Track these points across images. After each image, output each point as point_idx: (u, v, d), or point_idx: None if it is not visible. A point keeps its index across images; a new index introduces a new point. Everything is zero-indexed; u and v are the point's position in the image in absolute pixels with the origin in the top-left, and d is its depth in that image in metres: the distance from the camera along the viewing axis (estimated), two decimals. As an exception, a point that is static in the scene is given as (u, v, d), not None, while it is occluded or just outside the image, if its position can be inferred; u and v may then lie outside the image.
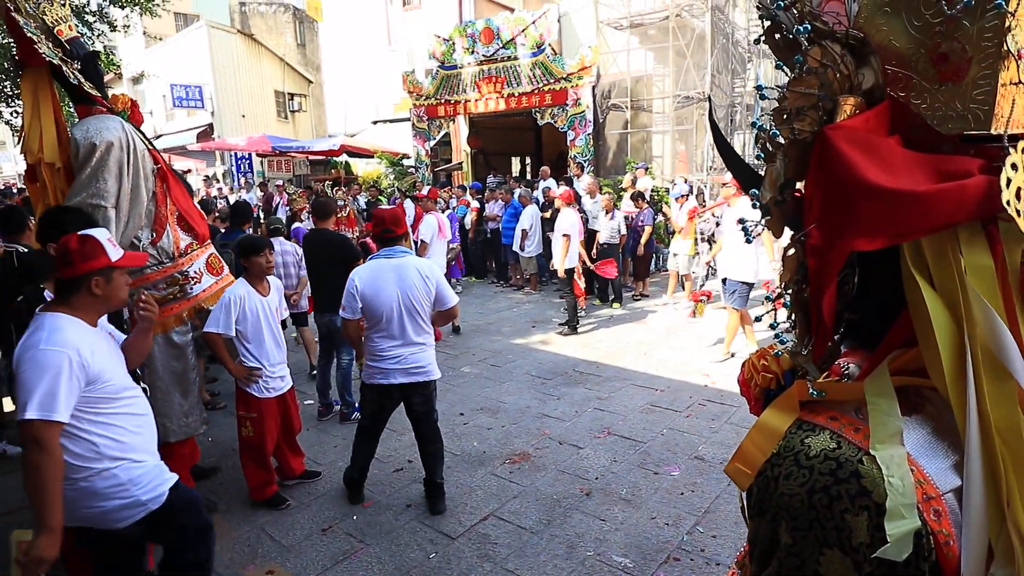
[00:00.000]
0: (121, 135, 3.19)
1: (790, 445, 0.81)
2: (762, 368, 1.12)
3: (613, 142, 13.29)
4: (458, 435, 4.57)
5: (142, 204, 3.32)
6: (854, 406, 0.81)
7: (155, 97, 24.04)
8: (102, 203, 3.11)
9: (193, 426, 3.59)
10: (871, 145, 0.74)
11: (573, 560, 3.05)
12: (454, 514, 3.51)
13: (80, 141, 3.09)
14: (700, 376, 5.66)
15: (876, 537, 0.68)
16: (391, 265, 3.34)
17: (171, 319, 3.44)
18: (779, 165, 0.83)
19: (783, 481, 0.77)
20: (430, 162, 15.14)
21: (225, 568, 3.09)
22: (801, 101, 0.79)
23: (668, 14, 12.04)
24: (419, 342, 3.40)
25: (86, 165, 3.09)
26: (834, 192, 0.76)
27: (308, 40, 26.35)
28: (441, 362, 6.27)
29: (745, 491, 0.89)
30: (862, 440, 0.75)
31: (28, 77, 3.17)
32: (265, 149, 17.96)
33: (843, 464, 0.73)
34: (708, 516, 3.40)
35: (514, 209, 9.70)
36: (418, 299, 3.33)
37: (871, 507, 0.69)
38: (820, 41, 0.79)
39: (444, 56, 13.66)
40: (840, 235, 0.75)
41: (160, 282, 3.39)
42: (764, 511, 0.81)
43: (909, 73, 0.76)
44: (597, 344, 6.79)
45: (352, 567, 3.07)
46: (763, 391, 1.12)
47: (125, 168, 3.20)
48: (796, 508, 0.74)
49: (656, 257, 10.91)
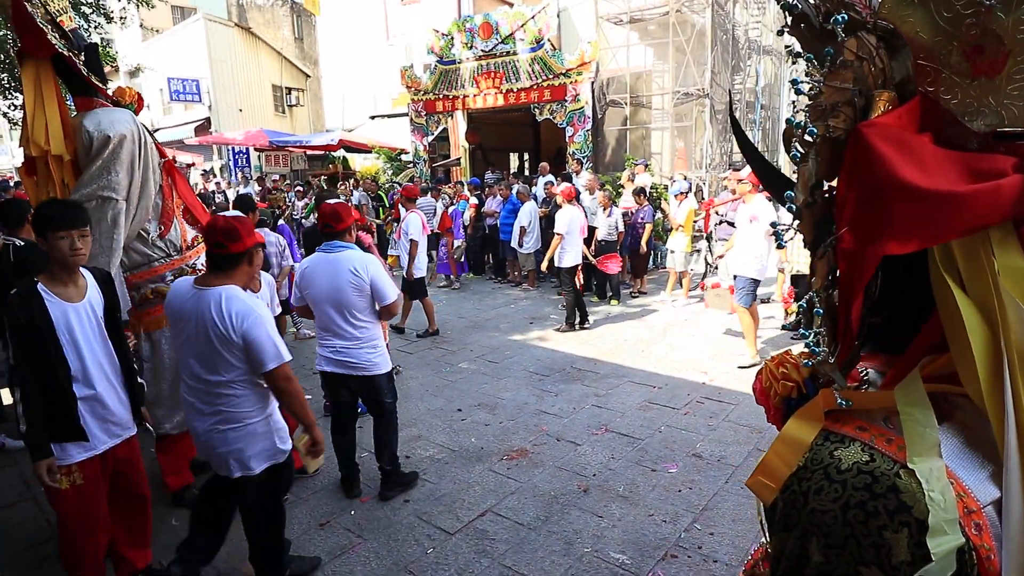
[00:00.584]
0: (133, 128, 3.20)
1: (818, 457, 0.78)
2: (782, 376, 1.08)
3: (612, 138, 13.26)
4: (456, 431, 4.57)
5: (150, 197, 3.34)
6: (883, 415, 0.78)
7: (152, 91, 23.88)
8: (113, 195, 3.12)
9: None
10: (906, 143, 0.72)
11: (571, 556, 3.06)
12: (452, 510, 3.51)
13: (93, 133, 3.09)
14: (698, 373, 5.67)
15: (918, 555, 0.65)
16: (327, 259, 3.43)
17: None
18: (811, 165, 0.80)
19: (813, 496, 0.74)
20: (428, 157, 15.09)
21: (223, 563, 3.08)
22: (836, 96, 0.76)
23: (668, 9, 12.00)
24: (351, 335, 3.45)
25: (98, 157, 3.10)
26: (868, 192, 0.73)
27: (306, 34, 26.23)
28: (439, 358, 6.32)
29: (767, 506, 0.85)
30: (896, 452, 0.72)
31: (29, 68, 3.15)
32: (263, 144, 17.89)
33: (879, 478, 0.70)
34: (705, 513, 3.41)
35: (512, 205, 9.68)
36: (347, 294, 3.38)
37: (912, 523, 0.66)
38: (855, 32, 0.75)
39: (442, 51, 13.61)
40: (873, 238, 0.72)
41: (168, 275, 3.43)
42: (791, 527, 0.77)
43: (938, 67, 0.73)
44: (595, 341, 6.79)
45: (350, 562, 3.07)
46: (783, 400, 1.07)
47: (136, 161, 3.21)
48: (829, 524, 0.71)
49: (654, 254, 10.92)
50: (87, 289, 2.58)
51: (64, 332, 2.43)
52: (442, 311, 8.29)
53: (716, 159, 12.58)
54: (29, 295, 2.37)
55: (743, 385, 5.28)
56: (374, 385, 3.57)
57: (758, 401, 1.18)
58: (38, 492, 3.84)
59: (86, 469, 2.53)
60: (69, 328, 2.45)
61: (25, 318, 2.34)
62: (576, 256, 7.09)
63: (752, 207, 5.81)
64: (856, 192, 0.75)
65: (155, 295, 3.42)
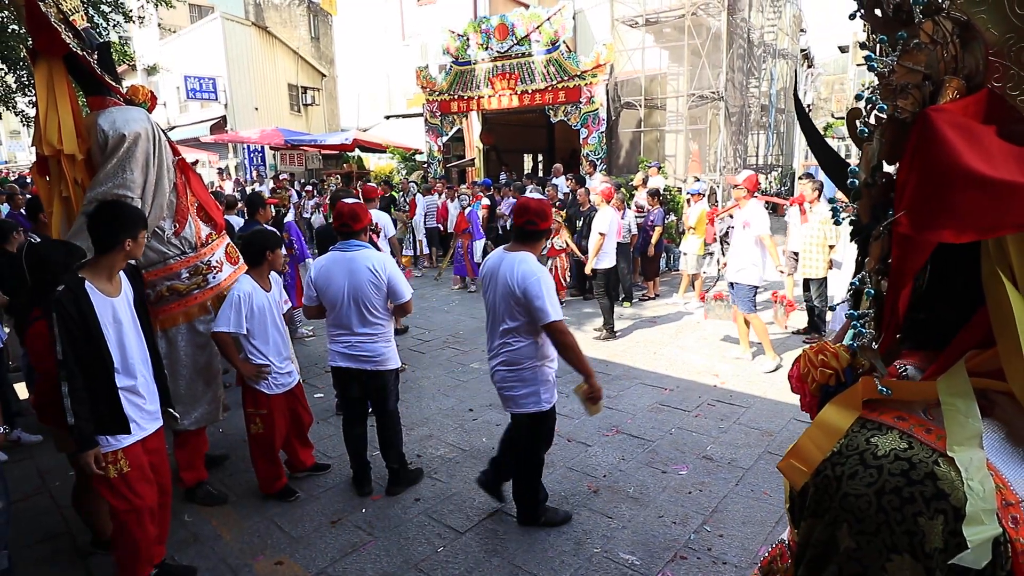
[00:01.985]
0: (148, 126, 3.23)
1: (854, 443, 0.78)
2: (820, 363, 1.08)
3: (626, 140, 13.25)
4: (467, 431, 4.58)
5: (164, 195, 3.36)
6: (922, 406, 0.78)
7: (169, 89, 24.20)
8: (128, 194, 3.15)
9: (213, 415, 3.65)
10: (972, 131, 0.71)
11: (580, 557, 3.06)
12: (462, 509, 3.53)
13: (108, 132, 3.12)
14: (709, 376, 5.64)
15: (952, 543, 0.65)
16: (345, 258, 3.48)
17: (195, 308, 3.51)
18: (875, 145, 0.80)
19: (847, 481, 0.74)
20: (442, 158, 15.16)
21: (235, 558, 3.12)
22: (908, 77, 0.76)
23: (684, 12, 11.97)
24: (367, 332, 3.51)
25: (113, 156, 3.12)
26: (929, 177, 0.72)
27: (322, 34, 26.43)
28: (451, 358, 6.34)
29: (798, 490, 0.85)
30: (935, 441, 0.72)
31: (42, 67, 3.17)
32: (278, 142, 18.06)
33: (916, 465, 0.70)
34: (716, 515, 3.39)
35: (525, 206, 9.66)
36: (366, 291, 3.43)
37: (948, 511, 0.66)
38: (932, 15, 0.76)
39: (458, 52, 13.66)
40: (930, 224, 0.72)
41: (184, 272, 3.45)
42: (822, 512, 0.77)
43: (1007, 64, 0.72)
44: (607, 342, 6.78)
45: (360, 559, 3.10)
46: (820, 387, 1.08)
47: (151, 159, 3.24)
48: (862, 510, 0.71)
49: (668, 256, 10.88)
50: (122, 283, 2.67)
51: (107, 325, 2.52)
52: (455, 312, 8.32)
53: (730, 162, 12.51)
54: (78, 290, 2.44)
55: (755, 388, 5.25)
56: (383, 381, 3.60)
57: (793, 388, 1.18)
58: (53, 486, 3.91)
59: (131, 456, 2.60)
60: (110, 321, 2.54)
61: (76, 312, 2.41)
62: (612, 258, 7.03)
63: (745, 213, 5.73)
64: (917, 176, 0.74)
65: (171, 292, 3.44)
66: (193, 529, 3.40)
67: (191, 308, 3.47)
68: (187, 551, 3.17)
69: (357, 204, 3.62)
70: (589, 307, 8.49)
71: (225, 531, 3.37)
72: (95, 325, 2.45)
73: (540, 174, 17.18)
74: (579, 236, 8.43)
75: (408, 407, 3.66)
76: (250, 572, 3.03)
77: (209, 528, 3.41)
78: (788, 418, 4.66)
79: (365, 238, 3.61)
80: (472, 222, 9.71)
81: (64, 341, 2.38)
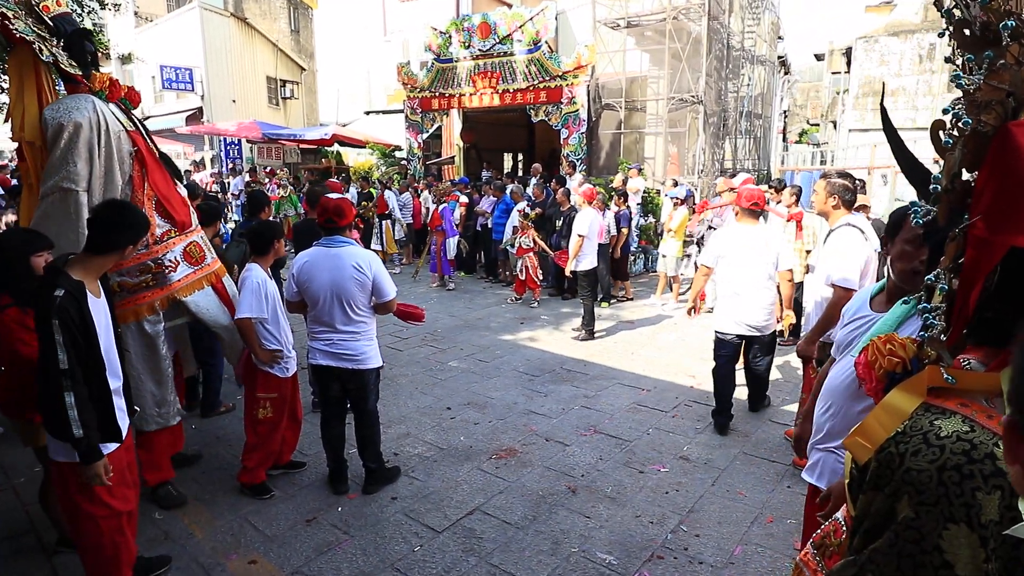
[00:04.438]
0: (91, 115, 3.06)
1: (918, 425, 0.84)
2: (888, 352, 1.15)
3: (606, 142, 13.32)
4: (445, 429, 4.57)
5: (117, 187, 3.21)
6: (984, 396, 0.84)
7: (144, 78, 23.63)
8: (73, 187, 3.03)
9: (166, 417, 3.49)
10: None
11: (558, 556, 3.07)
12: (440, 508, 3.51)
13: (49, 121, 3.00)
14: (686, 377, 5.70)
15: (1007, 516, 0.71)
16: (328, 254, 3.45)
17: (143, 307, 3.32)
18: (957, 154, 0.87)
19: (910, 457, 0.81)
20: (422, 155, 15.08)
21: (207, 557, 3.06)
22: (992, 94, 0.82)
23: (665, 16, 12.07)
24: (349, 329, 3.49)
25: (55, 147, 3.01)
26: (1008, 186, 0.78)
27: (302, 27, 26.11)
28: (428, 356, 6.31)
29: (861, 464, 0.92)
30: (996, 427, 0.78)
31: (15, 55, 3.10)
32: (255, 135, 17.76)
33: (977, 446, 0.76)
34: (692, 515, 3.43)
35: (505, 205, 9.68)
36: (349, 288, 3.40)
37: (1005, 487, 0.72)
38: (1019, 39, 0.81)
39: (440, 49, 13.59)
40: (1004, 229, 0.78)
41: (133, 269, 3.27)
42: (882, 485, 0.84)
43: None
44: (584, 343, 6.81)
45: (336, 558, 3.06)
46: (887, 374, 1.15)
47: (96, 150, 3.09)
48: (924, 483, 0.77)
49: (646, 258, 10.97)
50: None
51: (100, 328, 2.40)
52: (433, 310, 8.28)
53: (708, 165, 12.66)
54: (79, 295, 2.30)
55: (731, 390, 5.32)
56: (364, 380, 3.57)
57: (859, 374, 1.25)
58: (18, 483, 3.80)
59: (114, 460, 2.48)
60: (102, 324, 2.42)
61: (79, 319, 2.27)
62: (593, 259, 7.05)
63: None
64: (996, 184, 0.81)
65: (121, 289, 3.27)
66: (164, 527, 3.32)
67: (140, 307, 3.30)
68: (158, 549, 3.09)
69: (342, 199, 3.58)
70: (567, 307, 8.53)
71: (197, 529, 3.30)
72: (93, 331, 2.34)
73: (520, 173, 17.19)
74: (558, 236, 8.46)
75: (385, 405, 3.64)
76: (223, 571, 2.97)
77: (181, 526, 3.34)
78: (764, 419, 4.73)
79: (350, 234, 3.57)
80: (445, 219, 9.67)
81: (68, 349, 2.24)
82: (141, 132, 3.41)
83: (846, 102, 21.06)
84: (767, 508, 3.50)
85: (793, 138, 34.87)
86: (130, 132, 3.30)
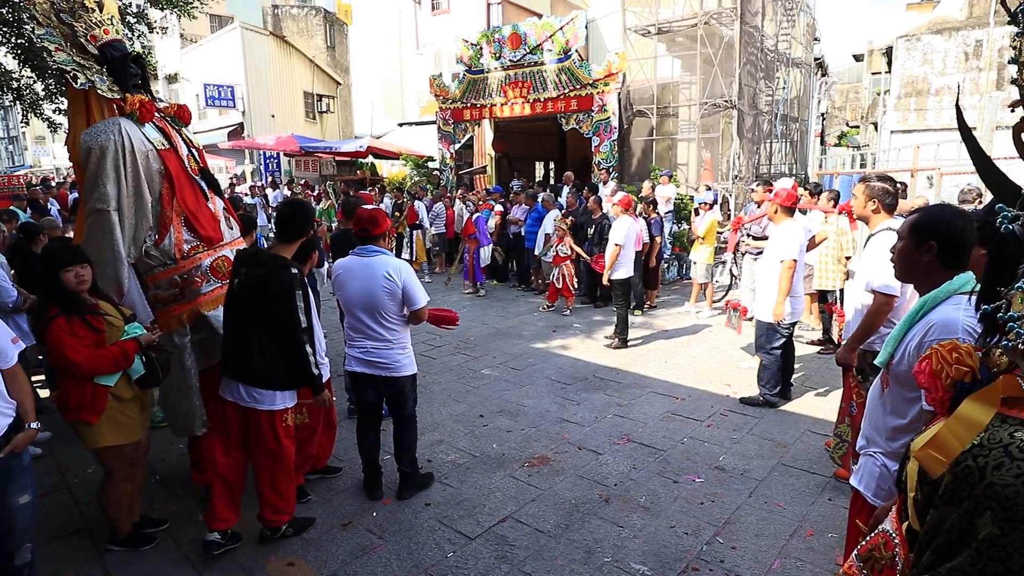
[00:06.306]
0: (116, 138, 3.16)
1: (996, 437, 0.81)
2: (955, 360, 1.10)
3: (638, 149, 13.25)
4: (477, 436, 4.59)
5: (147, 205, 3.30)
6: None
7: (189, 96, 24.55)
8: (104, 207, 3.15)
9: (191, 428, 3.56)
10: None
11: (591, 565, 3.05)
12: (472, 515, 3.53)
13: (82, 145, 3.17)
14: (721, 385, 5.61)
15: None
16: (361, 263, 3.51)
17: (173, 320, 3.44)
18: None
19: (992, 472, 0.78)
20: (454, 165, 15.25)
21: (247, 558, 3.15)
22: None
23: (696, 22, 11.98)
24: (382, 337, 3.53)
25: (87, 169, 3.16)
26: None
27: (338, 42, 26.74)
28: (461, 364, 6.36)
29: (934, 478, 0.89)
30: None
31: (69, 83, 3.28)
32: (293, 149, 18.26)
33: None
34: (728, 527, 3.37)
35: (537, 213, 9.71)
36: (380, 297, 3.44)
37: None
38: None
39: (471, 60, 13.77)
40: None
41: (164, 283, 3.41)
42: (959, 500, 0.81)
43: None
44: (618, 350, 6.76)
45: (371, 563, 3.11)
46: (954, 383, 1.11)
47: (122, 171, 3.19)
48: (1009, 499, 0.75)
49: (680, 265, 10.84)
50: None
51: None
52: (466, 318, 8.33)
53: (743, 171, 12.47)
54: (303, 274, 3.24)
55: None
56: (399, 386, 3.62)
57: (923, 383, 1.20)
58: (72, 482, 3.97)
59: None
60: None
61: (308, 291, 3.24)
62: (630, 268, 7.02)
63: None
64: None
65: (156, 301, 3.42)
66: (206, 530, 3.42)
67: (170, 319, 3.42)
68: (199, 549, 3.19)
69: (376, 209, 3.64)
70: (599, 315, 8.49)
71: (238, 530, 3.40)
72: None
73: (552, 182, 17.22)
74: (590, 244, 8.44)
75: (419, 412, 3.68)
76: (262, 572, 3.05)
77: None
78: (802, 430, 4.62)
79: (384, 243, 3.64)
80: (479, 228, 9.74)
81: (308, 312, 3.08)
82: (176, 150, 3.47)
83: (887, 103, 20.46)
84: (807, 521, 3.42)
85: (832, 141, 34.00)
86: (160, 151, 3.37)
